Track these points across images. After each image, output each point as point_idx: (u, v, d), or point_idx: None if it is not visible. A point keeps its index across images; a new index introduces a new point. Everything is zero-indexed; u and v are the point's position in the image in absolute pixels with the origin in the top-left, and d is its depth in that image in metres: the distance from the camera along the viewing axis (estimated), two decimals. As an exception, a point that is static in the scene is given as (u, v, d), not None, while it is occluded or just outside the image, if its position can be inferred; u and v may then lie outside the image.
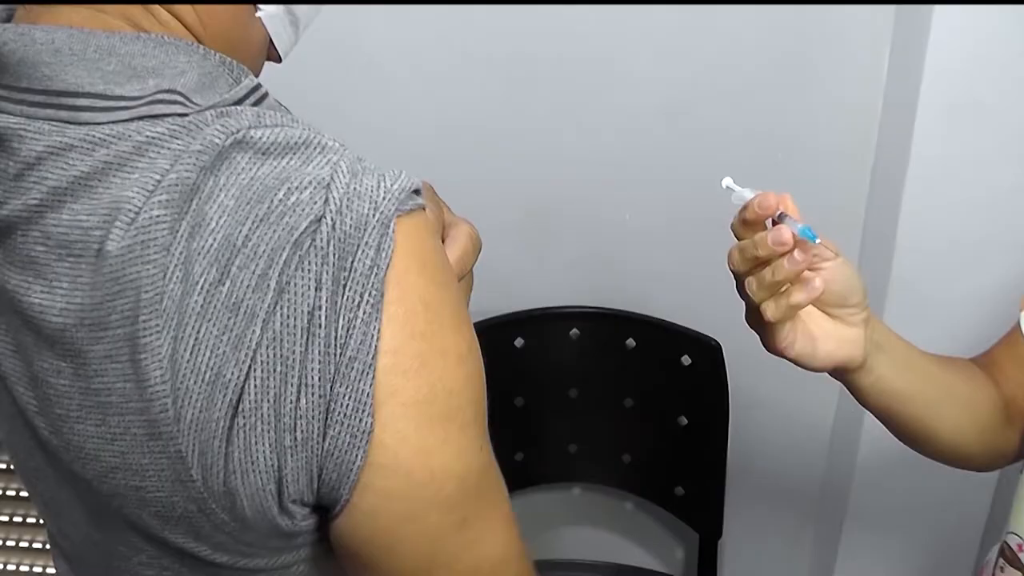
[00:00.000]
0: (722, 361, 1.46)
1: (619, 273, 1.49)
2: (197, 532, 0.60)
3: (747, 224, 0.76)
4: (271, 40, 0.67)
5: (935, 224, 1.32)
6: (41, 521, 1.84)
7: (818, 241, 0.72)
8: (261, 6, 0.64)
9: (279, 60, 0.70)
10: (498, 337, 1.51)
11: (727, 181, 0.77)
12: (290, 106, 0.66)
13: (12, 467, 1.68)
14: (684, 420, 1.54)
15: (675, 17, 1.37)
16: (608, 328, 1.52)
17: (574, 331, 1.53)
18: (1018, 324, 0.87)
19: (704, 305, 1.41)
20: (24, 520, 1.87)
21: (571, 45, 1.40)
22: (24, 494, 1.83)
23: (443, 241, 0.71)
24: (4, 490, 1.84)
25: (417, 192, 0.60)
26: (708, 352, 1.46)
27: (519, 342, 1.53)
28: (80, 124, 0.56)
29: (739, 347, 1.39)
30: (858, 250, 1.47)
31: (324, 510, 0.61)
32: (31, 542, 1.89)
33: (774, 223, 0.74)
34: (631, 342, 1.52)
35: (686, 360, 1.50)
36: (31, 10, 0.60)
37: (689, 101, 1.40)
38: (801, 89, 1.40)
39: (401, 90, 1.45)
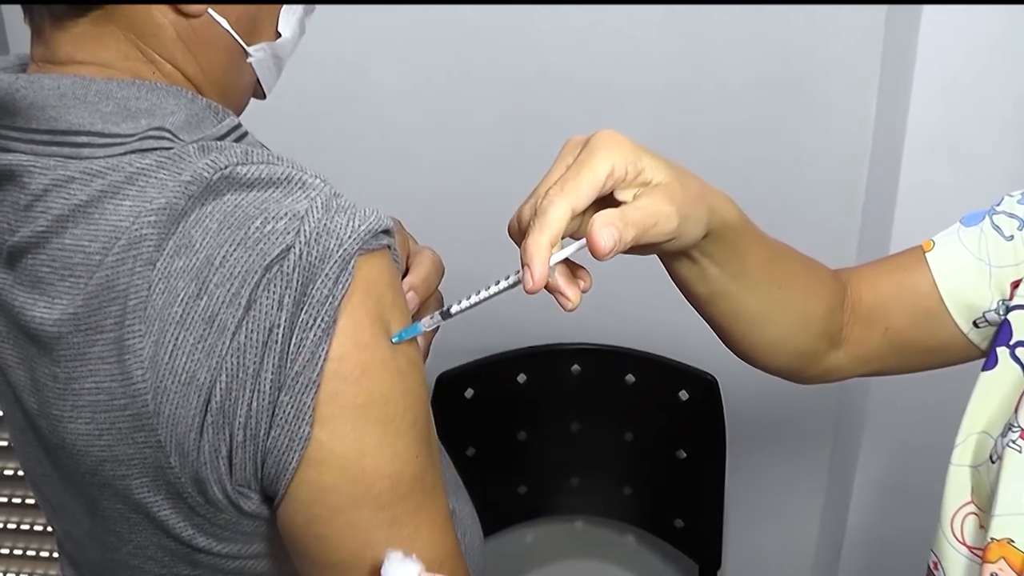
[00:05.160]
0: (719, 395, 1.49)
1: (619, 310, 1.52)
2: (177, 514, 0.67)
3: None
4: (258, 80, 0.75)
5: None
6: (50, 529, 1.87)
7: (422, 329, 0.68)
8: (252, 52, 0.72)
9: (263, 97, 0.78)
10: (501, 373, 1.55)
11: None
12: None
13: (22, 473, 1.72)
14: (683, 453, 1.57)
15: (670, 50, 1.42)
16: (608, 364, 1.55)
17: (575, 367, 1.56)
18: (922, 253, 0.86)
19: (701, 341, 1.43)
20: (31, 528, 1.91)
21: (567, 81, 1.45)
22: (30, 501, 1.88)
23: (408, 268, 0.77)
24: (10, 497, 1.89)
25: (387, 232, 0.65)
26: (705, 387, 1.50)
27: (522, 378, 1.56)
28: (81, 159, 0.63)
29: (735, 382, 1.43)
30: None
31: (270, 500, 0.66)
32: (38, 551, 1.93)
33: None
34: (631, 378, 1.55)
35: (684, 395, 1.53)
36: (42, 67, 0.67)
37: (683, 136, 1.45)
38: (793, 124, 1.45)
39: (404, 123, 1.50)
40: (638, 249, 0.70)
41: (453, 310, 0.68)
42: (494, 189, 1.46)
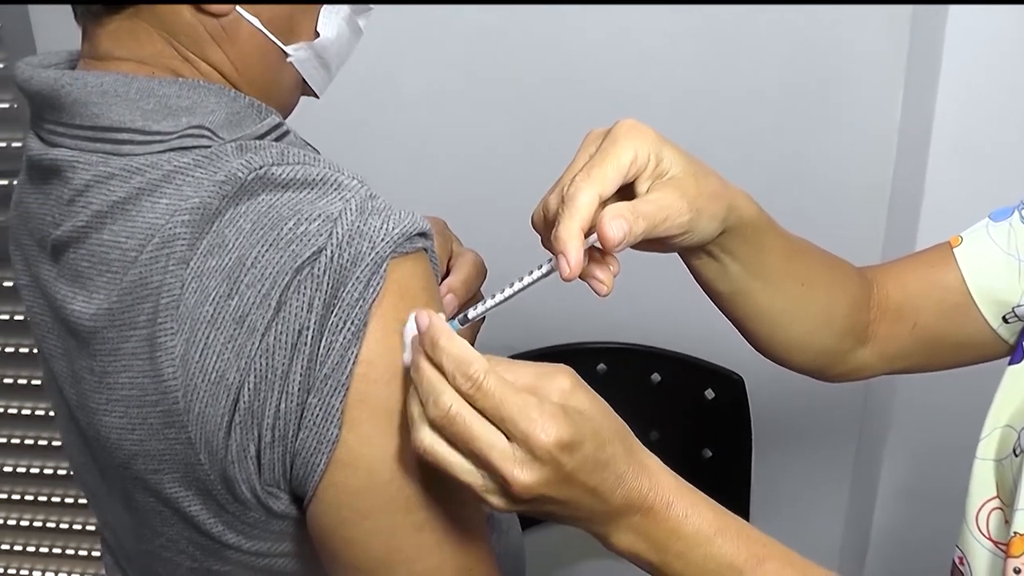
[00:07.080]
0: (745, 394, 1.50)
1: (644, 309, 1.53)
2: (206, 511, 0.68)
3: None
4: (305, 80, 0.75)
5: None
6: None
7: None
8: (291, 52, 0.71)
9: (317, 96, 0.78)
10: (527, 372, 1.55)
11: None
12: (314, 132, 0.71)
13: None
14: (708, 452, 1.58)
15: (694, 52, 1.43)
16: (634, 363, 1.56)
17: (601, 366, 1.57)
18: (950, 249, 0.86)
19: (727, 340, 1.44)
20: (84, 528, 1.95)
21: (587, 83, 1.46)
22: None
23: (449, 270, 0.77)
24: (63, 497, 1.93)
25: (424, 234, 0.65)
26: (731, 386, 1.50)
27: (548, 377, 1.56)
28: (122, 156, 0.64)
29: (762, 381, 1.43)
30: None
31: (300, 501, 0.66)
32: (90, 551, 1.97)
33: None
34: (656, 377, 1.56)
35: (710, 394, 1.54)
36: (88, 63, 0.69)
37: (709, 139, 1.45)
38: (818, 125, 1.45)
39: (422, 125, 1.52)
40: (654, 245, 0.70)
41: (470, 314, 0.67)
42: (513, 190, 1.47)
